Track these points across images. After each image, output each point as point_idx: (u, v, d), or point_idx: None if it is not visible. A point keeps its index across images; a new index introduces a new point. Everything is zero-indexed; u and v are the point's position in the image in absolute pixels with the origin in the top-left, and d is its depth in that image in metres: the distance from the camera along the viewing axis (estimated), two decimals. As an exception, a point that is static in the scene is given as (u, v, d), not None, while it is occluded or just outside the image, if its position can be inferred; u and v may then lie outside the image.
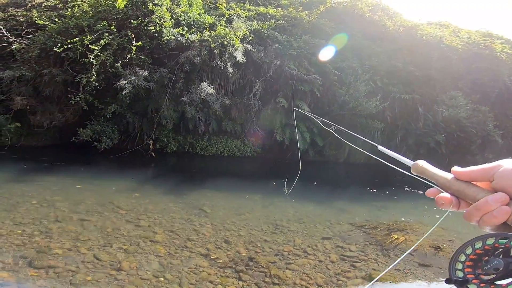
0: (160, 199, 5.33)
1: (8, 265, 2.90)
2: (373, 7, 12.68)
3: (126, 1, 8.79)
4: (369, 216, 5.45)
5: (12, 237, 3.41)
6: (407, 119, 11.03)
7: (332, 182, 8.52)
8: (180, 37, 8.84)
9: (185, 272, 3.14)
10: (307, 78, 10.00)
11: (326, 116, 10.36)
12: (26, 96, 9.00)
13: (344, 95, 10.16)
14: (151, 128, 9.25)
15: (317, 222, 4.94)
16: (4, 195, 4.82)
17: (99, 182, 6.17)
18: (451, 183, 0.56)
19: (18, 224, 3.75)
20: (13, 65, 9.51)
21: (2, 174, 6.32)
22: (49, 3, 11.95)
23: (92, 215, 4.24)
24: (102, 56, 8.22)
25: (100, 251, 3.28)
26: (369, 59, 11.08)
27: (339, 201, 6.30)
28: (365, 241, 4.33)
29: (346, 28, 11.47)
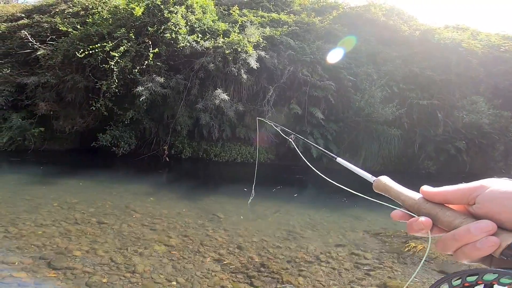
0: (175, 204, 5.41)
1: (28, 265, 2.99)
2: (386, 12, 12.55)
3: (143, 9, 9.06)
4: (386, 224, 5.31)
5: (32, 238, 3.54)
6: (426, 126, 10.73)
7: (345, 190, 8.36)
8: (195, 44, 9.02)
9: (197, 276, 3.16)
10: (321, 84, 9.95)
11: (341, 123, 10.32)
12: (50, 101, 9.39)
13: (359, 101, 10.03)
14: (167, 134, 9.45)
15: (331, 229, 4.86)
16: (26, 197, 5.04)
17: (117, 186, 6.34)
18: (421, 204, 0.49)
19: (39, 225, 3.90)
20: (38, 71, 9.97)
21: (25, 176, 6.63)
22: (72, 10, 12.51)
23: (110, 218, 4.36)
24: (121, 62, 8.47)
25: (116, 254, 3.35)
26: (384, 64, 10.92)
27: (353, 209, 6.17)
28: (381, 249, 4.22)
29: (360, 33, 11.39)
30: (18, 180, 6.30)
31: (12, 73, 10.11)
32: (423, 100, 10.51)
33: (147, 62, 8.67)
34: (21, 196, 5.08)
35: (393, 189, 0.55)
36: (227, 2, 12.63)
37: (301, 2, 13.30)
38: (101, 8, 11.51)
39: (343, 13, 12.43)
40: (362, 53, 11.01)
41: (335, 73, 10.38)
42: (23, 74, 10.09)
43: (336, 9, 12.50)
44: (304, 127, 9.90)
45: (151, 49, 8.71)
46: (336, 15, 11.99)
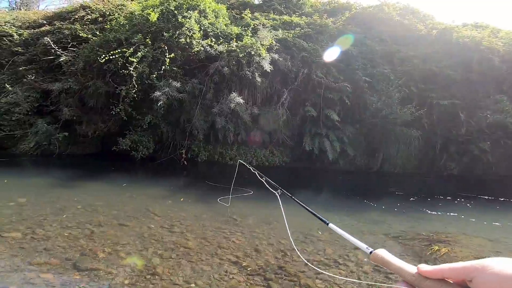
0: (192, 206, 5.49)
1: (54, 266, 3.09)
2: (401, 11, 12.32)
3: (158, 14, 9.24)
4: (406, 227, 5.18)
5: (59, 239, 3.68)
6: (447, 126, 10.41)
7: (364, 192, 8.22)
8: (209, 48, 9.14)
9: (215, 278, 3.18)
10: (336, 86, 9.87)
11: (357, 125, 10.16)
12: (73, 107, 9.73)
13: (376, 103, 9.85)
14: (184, 138, 9.61)
15: (349, 232, 4.79)
16: (52, 199, 5.27)
17: (137, 189, 6.51)
18: (421, 281, 0.50)
19: (64, 227, 4.06)
20: (62, 77, 10.35)
21: (51, 179, 6.93)
22: (90, 17, 12.95)
23: (131, 221, 4.48)
24: (139, 68, 8.67)
25: (137, 256, 3.44)
26: (401, 64, 10.70)
27: (372, 212, 6.05)
28: (401, 252, 4.12)
29: (374, 33, 11.25)
30: (44, 183, 6.60)
31: (36, 80, 10.57)
32: (444, 100, 10.21)
33: (163, 67, 8.82)
34: (48, 199, 5.32)
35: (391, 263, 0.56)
36: (239, 6, 12.77)
37: (313, 3, 13.26)
38: (117, 14, 11.87)
39: (356, 14, 12.31)
40: (377, 53, 10.83)
41: (350, 74, 10.26)
42: (47, 81, 10.52)
43: (348, 10, 12.39)
44: (319, 130, 9.82)
45: (167, 54, 8.85)
46: (349, 15, 11.89)
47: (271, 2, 13.18)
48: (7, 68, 12.05)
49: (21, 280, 2.80)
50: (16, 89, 10.35)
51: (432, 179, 9.90)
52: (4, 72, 11.89)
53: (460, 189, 8.39)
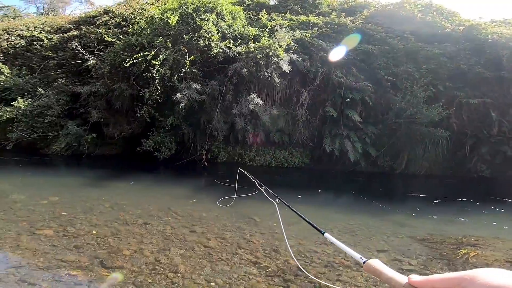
0: (213, 206, 5.58)
1: (83, 264, 3.22)
2: (423, 8, 11.89)
3: (177, 18, 9.38)
4: (433, 230, 5.00)
5: (88, 237, 3.85)
6: (478, 126, 9.90)
7: (388, 194, 8.00)
8: (227, 49, 9.21)
9: (235, 278, 3.22)
10: (357, 86, 9.66)
11: (380, 125, 9.90)
12: (100, 109, 10.13)
13: (400, 102, 9.54)
14: (204, 139, 9.77)
15: (371, 235, 4.69)
16: (82, 198, 5.56)
17: (159, 189, 6.73)
18: None
19: (93, 225, 4.26)
20: (90, 81, 10.83)
21: (81, 179, 7.31)
22: (113, 21, 13.45)
23: (154, 220, 4.64)
24: (161, 70, 8.85)
25: (160, 254, 3.54)
26: (426, 62, 10.29)
27: (396, 214, 5.88)
28: (428, 255, 3.98)
29: (396, 32, 10.95)
30: (75, 183, 6.98)
31: (66, 83, 11.14)
32: (474, 99, 9.72)
33: (184, 69, 8.97)
34: (78, 198, 5.62)
35: (383, 273, 0.56)
36: (255, 7, 12.81)
37: (329, 3, 13.08)
38: (138, 18, 12.25)
39: (375, 12, 12.01)
40: (400, 52, 10.50)
41: (371, 73, 10.02)
42: (76, 84, 11.07)
43: (367, 8, 12.12)
44: (340, 131, 9.65)
45: (187, 56, 9.00)
46: (368, 14, 11.62)
47: (287, 3, 13.13)
48: (39, 72, 12.80)
49: (51, 278, 2.92)
50: (48, 93, 10.95)
51: (461, 181, 9.45)
52: (36, 76, 12.63)
53: (491, 192, 7.96)
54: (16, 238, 3.70)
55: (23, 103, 10.51)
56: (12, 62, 13.72)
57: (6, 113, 10.42)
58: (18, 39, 14.69)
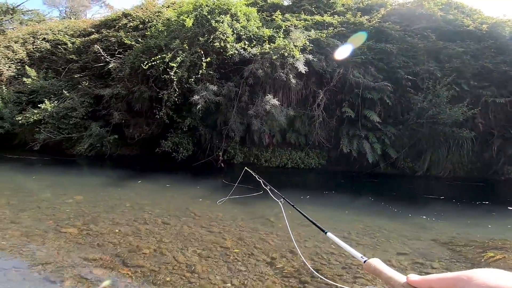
0: (229, 207, 5.62)
1: (105, 262, 3.31)
2: (443, 6, 11.51)
3: (193, 20, 9.48)
4: (457, 233, 4.84)
5: (110, 236, 3.97)
6: (505, 126, 9.48)
7: (408, 196, 7.78)
8: (243, 51, 9.23)
9: (251, 279, 3.24)
10: (375, 86, 9.45)
11: (400, 126, 9.64)
12: (121, 111, 10.42)
13: (422, 102, 9.25)
14: (220, 140, 9.87)
15: (391, 237, 4.58)
16: (105, 198, 5.76)
17: (177, 189, 6.86)
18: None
19: (115, 224, 4.40)
20: (111, 83, 11.17)
21: (103, 179, 7.58)
22: (132, 24, 13.80)
23: (172, 219, 4.73)
24: (178, 72, 8.98)
25: (178, 254, 3.61)
26: (449, 61, 9.93)
27: (417, 217, 5.71)
28: (451, 258, 3.85)
29: (416, 30, 10.64)
30: (98, 182, 7.24)
31: (90, 86, 11.58)
32: (501, 98, 9.29)
33: (201, 71, 9.06)
34: (101, 197, 5.83)
35: (383, 272, 0.56)
36: (268, 8, 12.80)
37: (344, 2, 12.90)
38: (155, 21, 12.51)
39: (392, 11, 11.73)
40: (420, 50, 10.19)
41: (390, 73, 9.79)
42: (99, 86, 11.45)
43: (383, 7, 11.85)
44: (358, 131, 9.48)
45: (203, 58, 9.10)
46: (385, 13, 11.37)
47: (301, 3, 13.03)
48: (64, 75, 13.37)
49: (75, 275, 3.02)
50: (72, 95, 11.42)
51: (487, 184, 9.04)
52: (61, 79, 13.20)
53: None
54: (42, 236, 3.87)
55: (49, 105, 11.00)
56: (39, 65, 14.41)
57: (34, 115, 10.94)
58: (44, 42, 15.39)
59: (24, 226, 4.15)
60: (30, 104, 12.23)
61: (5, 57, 14.60)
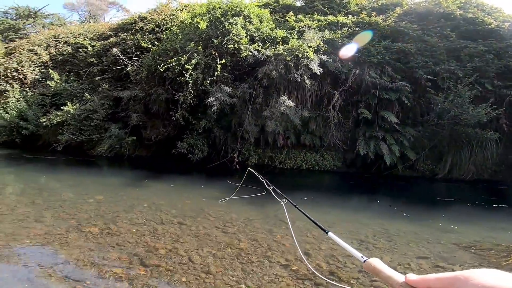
0: (244, 208, 5.65)
1: (123, 261, 3.37)
2: (462, 4, 11.16)
3: (207, 22, 9.60)
4: (481, 237, 4.65)
5: (128, 235, 4.06)
6: (532, 127, 9.03)
7: (428, 199, 7.56)
8: (256, 52, 9.26)
9: (265, 280, 3.23)
10: (393, 86, 9.24)
11: (420, 127, 9.38)
12: (139, 113, 10.72)
13: (443, 102, 8.96)
14: (235, 142, 9.92)
15: (411, 241, 4.47)
16: (123, 198, 5.93)
17: (193, 190, 6.96)
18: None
19: (133, 224, 4.51)
20: (129, 86, 11.50)
21: (122, 179, 7.80)
22: (148, 27, 14.11)
23: (188, 220, 4.80)
24: (194, 75, 9.11)
25: (193, 254, 3.64)
26: (471, 60, 9.59)
27: (438, 220, 5.53)
28: (474, 262, 3.71)
29: (434, 29, 10.37)
30: (117, 182, 7.46)
31: (109, 88, 11.95)
32: (527, 98, 8.86)
33: (216, 73, 9.18)
34: (120, 197, 6.00)
35: (382, 272, 0.56)
36: (281, 9, 12.78)
37: (358, 2, 12.70)
38: (170, 24, 12.73)
39: (409, 10, 11.51)
40: (440, 50, 9.90)
41: (408, 73, 9.55)
42: (118, 89, 11.80)
43: (399, 6, 11.61)
44: (375, 133, 9.29)
45: (218, 60, 9.20)
46: (401, 12, 11.13)
47: (313, 3, 12.95)
48: (85, 78, 13.86)
49: (95, 275, 3.10)
50: (93, 97, 11.82)
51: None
52: (82, 81, 13.69)
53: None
54: (65, 235, 4.00)
55: (72, 108, 11.44)
56: (61, 68, 15.01)
57: (57, 117, 11.41)
58: (65, 46, 16.01)
59: (47, 225, 4.32)
60: (54, 106, 12.76)
61: (29, 60, 15.30)
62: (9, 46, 16.93)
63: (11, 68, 14.76)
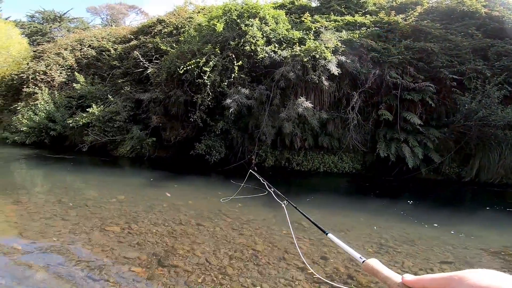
0: (260, 210, 5.66)
1: (143, 261, 3.45)
2: (487, 3, 10.67)
3: (223, 24, 9.67)
4: (510, 242, 4.46)
5: (148, 235, 4.17)
6: None
7: (453, 203, 7.27)
8: (273, 54, 9.23)
9: (281, 283, 3.21)
10: (415, 86, 8.93)
11: (445, 128, 9.01)
12: (159, 114, 10.99)
13: (470, 103, 8.57)
14: (252, 144, 9.95)
15: (434, 245, 4.32)
16: (144, 198, 6.09)
17: (210, 192, 7.04)
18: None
19: (153, 224, 4.62)
20: (150, 88, 11.81)
21: (143, 180, 8.02)
22: (166, 30, 14.42)
23: (205, 221, 4.87)
24: (211, 76, 9.21)
25: (210, 255, 3.69)
26: (498, 59, 9.12)
27: (464, 225, 5.32)
28: (502, 268, 3.55)
29: (458, 28, 9.98)
30: (138, 183, 7.69)
31: (131, 90, 12.34)
32: (562, 97, 8.30)
33: (233, 75, 9.24)
34: (141, 197, 6.18)
35: (380, 272, 0.57)
36: (296, 10, 12.68)
37: (376, 1, 12.39)
38: (187, 26, 12.95)
39: (430, 8, 11.14)
40: (465, 49, 9.48)
41: (432, 73, 9.21)
42: (139, 91, 12.17)
43: (419, 4, 11.24)
44: (397, 135, 9.02)
45: (235, 62, 9.26)
46: (422, 11, 10.77)
47: (329, 4, 12.76)
48: (108, 81, 14.39)
49: (116, 274, 3.19)
50: (116, 100, 12.25)
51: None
52: (106, 84, 14.21)
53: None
54: (89, 234, 4.17)
55: (96, 109, 11.92)
56: (86, 71, 15.66)
57: (83, 119, 11.92)
58: (90, 49, 16.68)
59: (73, 223, 4.52)
60: (79, 108, 13.34)
61: (56, 63, 16.05)
62: (37, 50, 17.82)
63: (39, 71, 15.50)
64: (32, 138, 13.66)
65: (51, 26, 30.46)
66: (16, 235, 4.09)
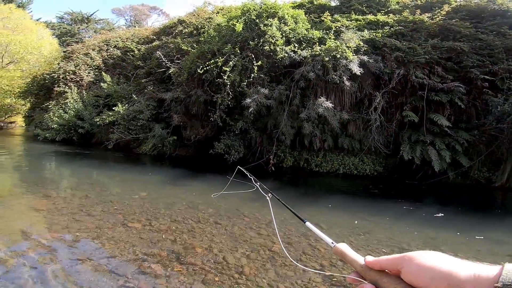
0: (278, 211, 5.62)
1: (163, 258, 3.51)
2: None
3: (243, 24, 9.70)
4: (539, 249, 4.19)
5: (168, 232, 4.25)
6: None
7: (482, 209, 6.93)
8: (293, 53, 9.16)
9: (298, 285, 3.19)
10: (444, 87, 8.55)
11: (475, 131, 8.58)
12: (180, 114, 11.26)
13: (502, 104, 8.11)
14: (270, 144, 9.93)
15: (459, 250, 4.16)
16: (165, 195, 6.25)
17: (228, 190, 7.10)
18: (366, 271, 0.56)
19: (173, 221, 4.72)
20: (171, 87, 12.10)
21: (164, 177, 8.24)
22: (187, 30, 14.66)
23: (223, 220, 4.92)
24: (231, 76, 9.28)
25: (228, 254, 3.71)
26: (533, 59, 8.57)
27: (493, 231, 5.08)
28: None
29: (489, 27, 9.51)
30: (159, 180, 7.91)
31: (154, 90, 12.69)
32: None
33: (252, 75, 9.25)
34: (161, 194, 6.34)
35: (347, 255, 0.61)
36: (316, 10, 12.48)
37: (399, 0, 11.95)
38: (207, 27, 13.09)
39: (458, 7, 10.64)
40: (497, 48, 8.96)
41: (462, 73, 8.78)
42: (161, 91, 12.50)
43: (446, 3, 10.76)
44: (422, 137, 8.67)
45: (254, 62, 9.27)
46: (449, 9, 10.30)
47: (350, 3, 12.46)
48: (132, 80, 14.88)
49: (136, 270, 3.26)
50: (140, 99, 12.65)
51: None
52: (131, 84, 14.70)
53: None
54: (112, 229, 4.31)
55: (121, 108, 12.36)
56: (112, 71, 16.28)
57: (109, 117, 12.41)
58: (115, 50, 17.32)
59: (97, 219, 4.70)
60: (106, 107, 13.90)
61: (85, 63, 16.80)
62: (67, 50, 18.75)
63: (69, 71, 16.29)
64: (61, 135, 14.39)
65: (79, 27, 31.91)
66: (45, 229, 4.31)
